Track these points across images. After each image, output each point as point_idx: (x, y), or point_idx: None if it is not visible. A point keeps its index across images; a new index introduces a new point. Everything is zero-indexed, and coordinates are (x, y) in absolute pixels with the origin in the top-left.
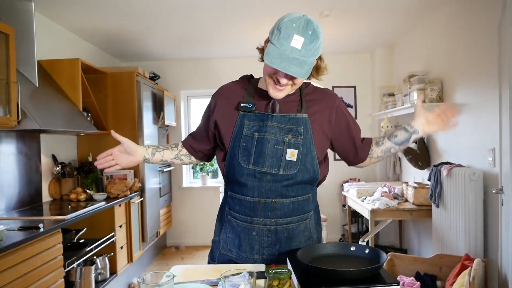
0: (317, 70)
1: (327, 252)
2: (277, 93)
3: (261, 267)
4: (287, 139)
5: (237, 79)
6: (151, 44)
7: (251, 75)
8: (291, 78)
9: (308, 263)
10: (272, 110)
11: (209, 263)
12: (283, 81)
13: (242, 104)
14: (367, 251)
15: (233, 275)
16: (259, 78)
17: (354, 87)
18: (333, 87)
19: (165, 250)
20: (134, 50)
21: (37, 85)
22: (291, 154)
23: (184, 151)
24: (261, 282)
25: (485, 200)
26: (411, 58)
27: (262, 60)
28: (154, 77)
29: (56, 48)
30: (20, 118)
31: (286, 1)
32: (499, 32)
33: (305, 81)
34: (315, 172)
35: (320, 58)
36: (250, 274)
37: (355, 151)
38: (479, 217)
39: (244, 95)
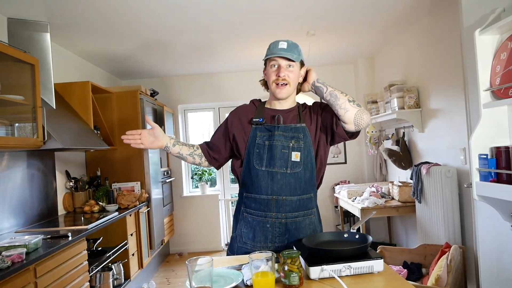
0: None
1: (325, 239)
2: (280, 93)
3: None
4: (291, 144)
5: (248, 102)
6: (149, 63)
7: (259, 99)
8: (287, 71)
9: (311, 247)
10: (277, 123)
11: (228, 255)
12: (282, 73)
13: (254, 119)
14: (357, 236)
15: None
16: (266, 101)
17: None
18: None
19: (169, 257)
20: (133, 68)
21: (54, 108)
22: (296, 156)
23: (199, 151)
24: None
25: (460, 193)
26: (390, 68)
27: (267, 90)
28: (153, 94)
29: (62, 70)
30: (46, 139)
31: (278, 21)
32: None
33: (301, 102)
34: (314, 170)
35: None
36: (268, 258)
37: (335, 116)
38: (456, 209)
39: (255, 113)
